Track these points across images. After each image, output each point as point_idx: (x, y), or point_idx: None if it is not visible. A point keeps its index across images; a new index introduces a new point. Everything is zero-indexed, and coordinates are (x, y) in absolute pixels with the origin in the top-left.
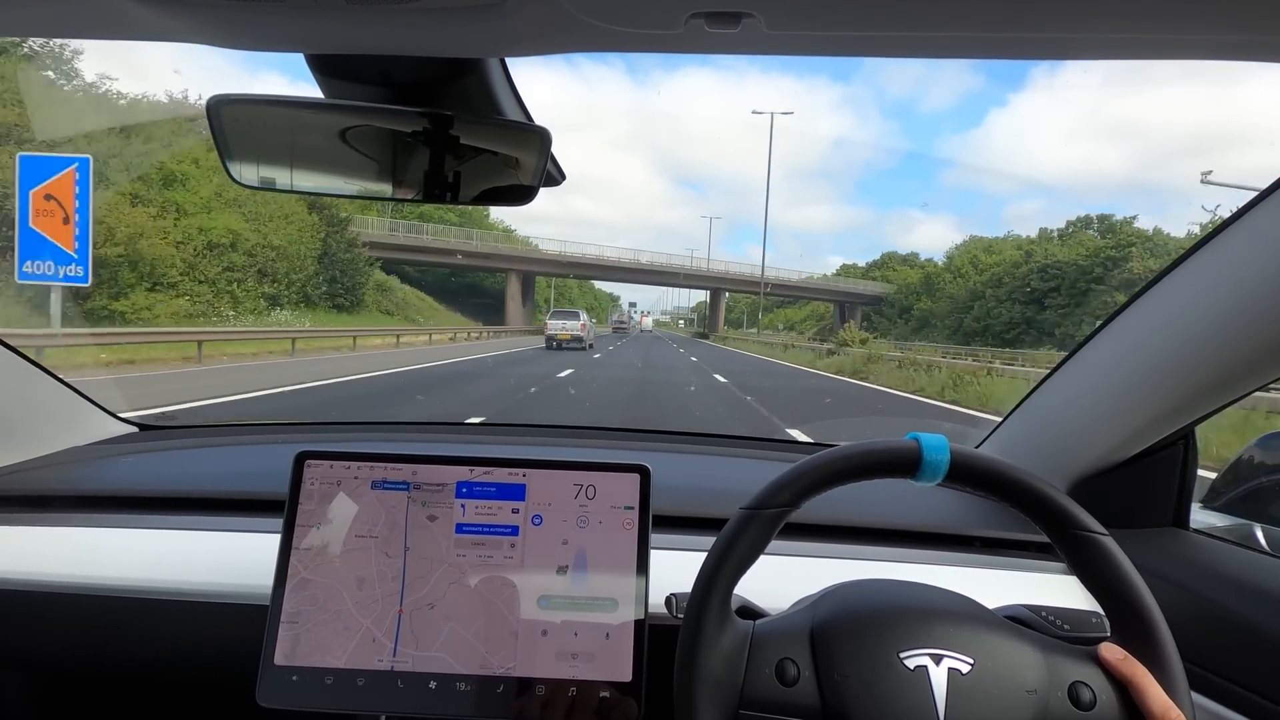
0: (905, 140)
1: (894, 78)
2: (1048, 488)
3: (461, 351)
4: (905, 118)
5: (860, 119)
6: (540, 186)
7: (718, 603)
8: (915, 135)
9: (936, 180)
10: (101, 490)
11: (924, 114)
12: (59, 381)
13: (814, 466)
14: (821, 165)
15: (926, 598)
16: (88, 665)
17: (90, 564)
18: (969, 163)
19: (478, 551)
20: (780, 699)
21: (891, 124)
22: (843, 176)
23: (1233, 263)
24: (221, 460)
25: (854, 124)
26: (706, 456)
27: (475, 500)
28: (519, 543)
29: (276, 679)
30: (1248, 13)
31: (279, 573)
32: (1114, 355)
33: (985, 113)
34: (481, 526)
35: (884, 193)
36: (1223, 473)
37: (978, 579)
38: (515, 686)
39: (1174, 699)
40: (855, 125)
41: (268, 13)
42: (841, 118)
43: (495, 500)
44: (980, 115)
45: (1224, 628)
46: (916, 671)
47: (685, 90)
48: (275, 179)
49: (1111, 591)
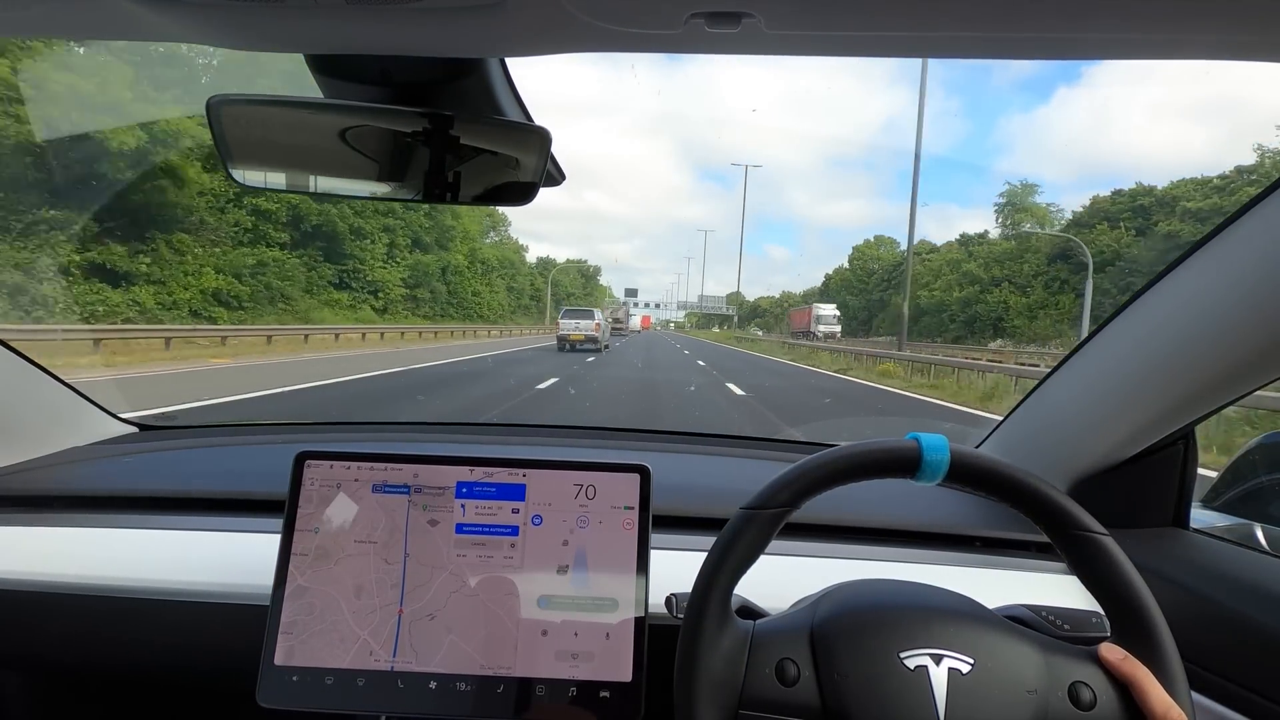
0: (965, 121)
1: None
2: (1048, 488)
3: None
4: (968, 93)
5: (915, 96)
6: (541, 186)
7: (718, 603)
8: (977, 115)
9: (991, 168)
10: (101, 490)
11: (993, 87)
12: (59, 381)
13: (814, 466)
14: (865, 155)
15: (927, 598)
16: (88, 665)
17: (90, 564)
18: (1030, 149)
19: (478, 552)
20: (780, 699)
21: (951, 101)
22: (885, 167)
23: (1232, 262)
24: (221, 460)
25: (908, 101)
26: (706, 456)
27: (475, 500)
28: (519, 543)
29: (276, 679)
30: (1248, 12)
31: (279, 575)
32: (1114, 355)
33: (1053, 89)
34: (482, 526)
35: (929, 182)
36: (1223, 472)
37: (978, 579)
38: (515, 687)
39: (1174, 699)
40: (909, 103)
41: (268, 13)
42: (896, 94)
43: (495, 500)
44: (1049, 91)
45: (1224, 627)
46: (917, 671)
47: (712, 74)
48: (275, 179)
49: (1112, 591)
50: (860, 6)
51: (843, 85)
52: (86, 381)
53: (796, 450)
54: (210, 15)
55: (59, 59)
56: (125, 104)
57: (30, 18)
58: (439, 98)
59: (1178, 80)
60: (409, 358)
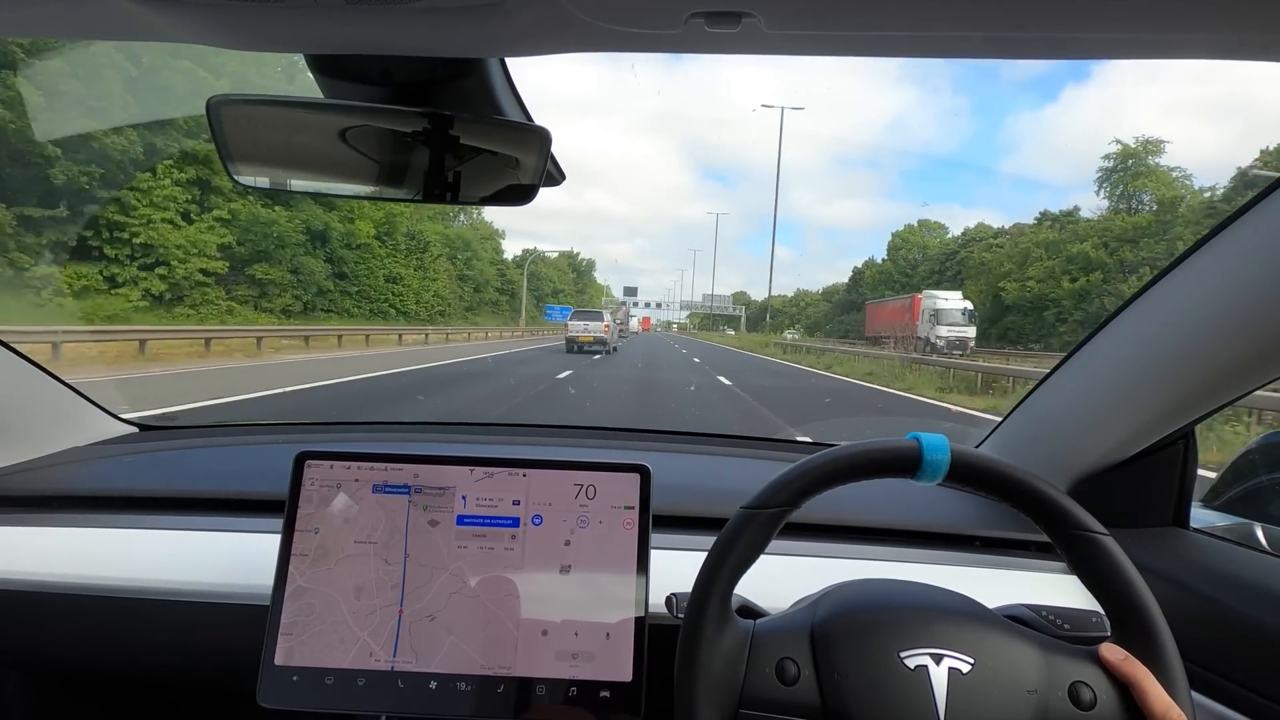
0: (972, 120)
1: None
2: (1048, 487)
3: None
4: (976, 91)
5: (926, 91)
6: (540, 186)
7: (718, 602)
8: (983, 114)
9: (998, 164)
10: (101, 490)
11: (1001, 84)
12: (59, 381)
13: (814, 466)
14: (869, 154)
15: (927, 597)
16: (88, 665)
17: (90, 564)
18: (1037, 145)
19: (478, 552)
20: (780, 698)
21: (959, 99)
22: (889, 166)
23: (1232, 262)
24: (221, 460)
25: (917, 98)
26: (706, 456)
27: (476, 500)
28: (519, 542)
29: (276, 679)
30: (1249, 12)
31: (278, 576)
32: (1114, 354)
33: (1061, 88)
34: (482, 526)
35: (932, 182)
36: (1223, 472)
37: (978, 579)
38: (515, 686)
39: (1174, 698)
40: (918, 100)
41: (268, 13)
42: (903, 92)
43: (496, 500)
44: (1056, 90)
45: (1224, 627)
46: (917, 671)
47: (716, 71)
48: (275, 179)
49: (1112, 591)
50: (860, 6)
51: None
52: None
53: (796, 450)
54: (210, 15)
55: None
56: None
57: (30, 18)
58: (439, 98)
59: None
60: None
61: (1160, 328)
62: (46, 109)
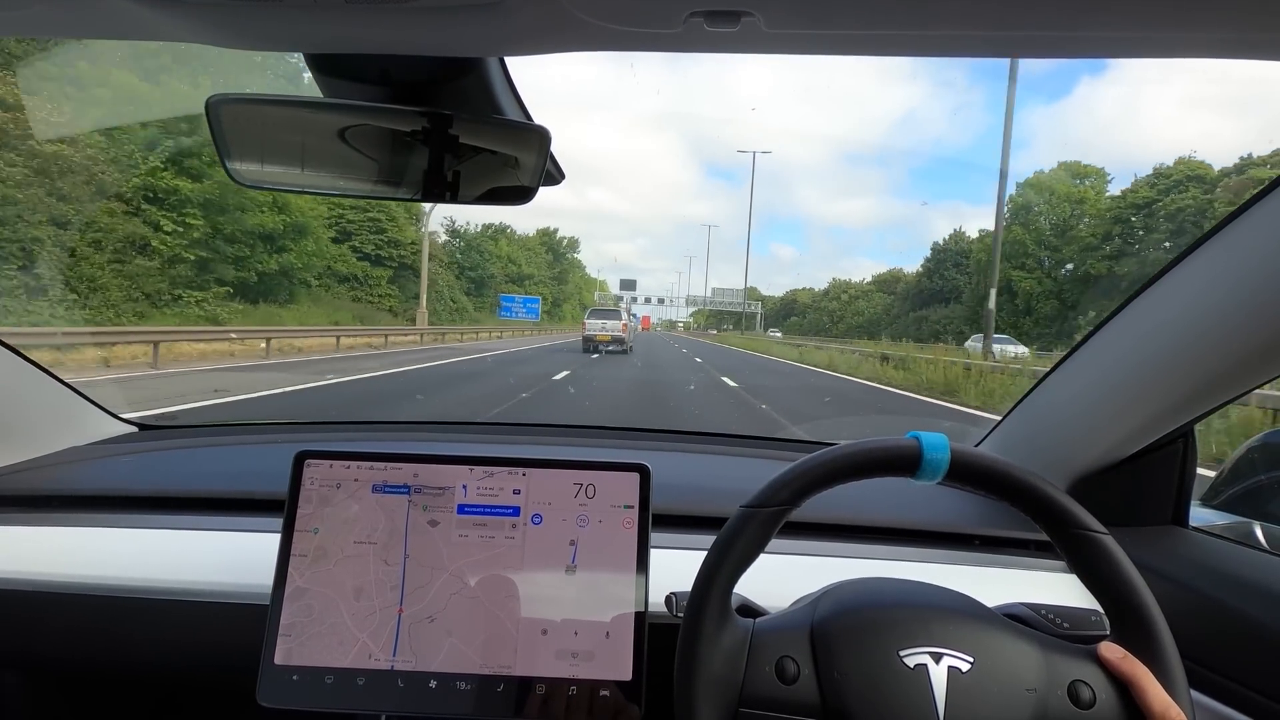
0: (985, 115)
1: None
2: (1047, 486)
3: None
4: (988, 86)
5: (938, 85)
6: (540, 186)
7: (718, 601)
8: (996, 109)
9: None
10: (101, 490)
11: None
12: (59, 381)
13: (814, 465)
14: (877, 152)
15: (926, 596)
16: (87, 664)
17: (90, 564)
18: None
19: (478, 552)
20: (780, 697)
21: (974, 93)
22: (897, 163)
23: (1232, 260)
24: (221, 460)
25: (925, 95)
26: (706, 455)
27: (475, 500)
28: (519, 542)
29: (276, 679)
30: (1249, 11)
31: (278, 576)
32: (1113, 353)
33: (1076, 81)
34: (482, 520)
35: (942, 181)
36: (1222, 471)
37: (977, 577)
38: (515, 686)
39: (1174, 697)
40: (927, 97)
41: (268, 13)
42: (913, 88)
43: (495, 500)
44: (1070, 83)
45: (1224, 626)
46: (916, 670)
47: (720, 69)
48: (275, 179)
49: (1111, 590)
50: (860, 6)
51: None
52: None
53: (796, 449)
54: (210, 15)
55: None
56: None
57: (30, 17)
58: (438, 97)
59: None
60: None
61: (1160, 326)
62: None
